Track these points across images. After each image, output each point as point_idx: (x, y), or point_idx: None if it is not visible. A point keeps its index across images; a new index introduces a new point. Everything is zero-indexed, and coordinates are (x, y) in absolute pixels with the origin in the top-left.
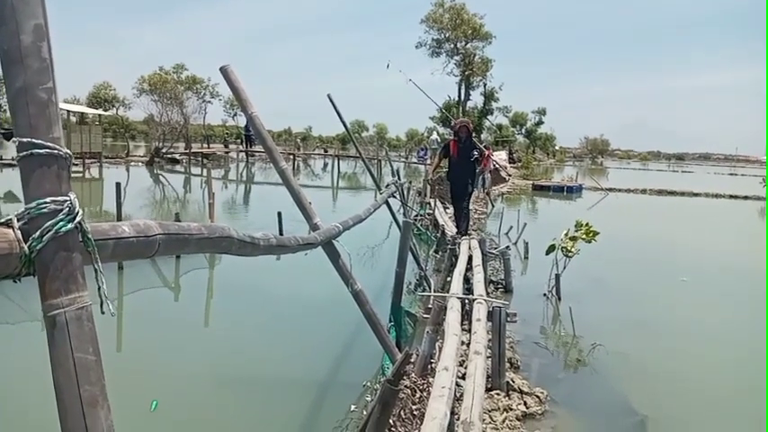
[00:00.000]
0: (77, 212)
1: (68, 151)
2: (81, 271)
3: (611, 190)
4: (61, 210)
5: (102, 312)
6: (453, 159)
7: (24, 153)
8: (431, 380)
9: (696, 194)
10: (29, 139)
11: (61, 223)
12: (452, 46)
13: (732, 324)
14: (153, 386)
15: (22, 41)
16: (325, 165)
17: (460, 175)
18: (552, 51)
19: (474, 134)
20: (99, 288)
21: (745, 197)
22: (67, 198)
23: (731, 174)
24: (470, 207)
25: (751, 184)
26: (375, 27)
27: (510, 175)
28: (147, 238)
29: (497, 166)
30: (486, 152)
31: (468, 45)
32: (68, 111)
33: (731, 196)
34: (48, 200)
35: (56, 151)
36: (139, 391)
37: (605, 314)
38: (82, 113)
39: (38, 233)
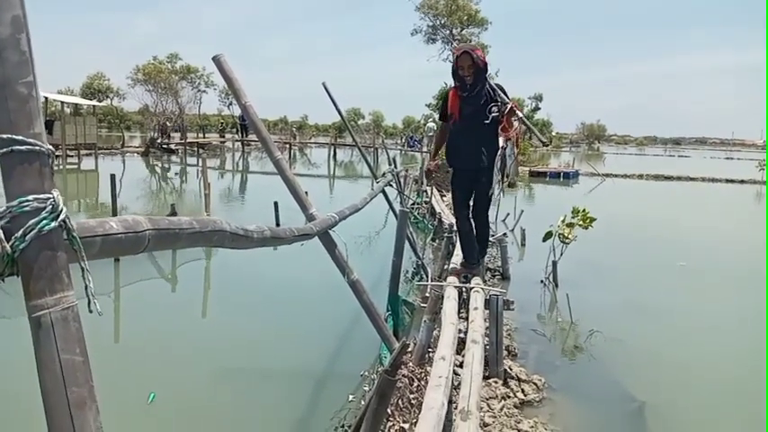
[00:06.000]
0: (61, 210)
1: (51, 147)
2: (66, 270)
3: (607, 176)
4: (44, 208)
5: (90, 311)
6: (455, 124)
7: (4, 150)
8: (428, 369)
9: (693, 179)
10: (9, 136)
11: (44, 221)
12: (448, 32)
13: (731, 309)
14: (151, 377)
15: None
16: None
17: (467, 151)
18: (550, 36)
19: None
20: (86, 287)
21: (742, 181)
22: (50, 196)
23: (727, 158)
24: (490, 218)
25: (747, 167)
26: (372, 12)
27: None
28: (135, 234)
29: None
30: (511, 106)
31: (464, 31)
32: (62, 102)
33: (728, 180)
34: (30, 198)
35: (37, 147)
36: (138, 383)
37: (603, 300)
38: (76, 105)
39: (20, 232)
